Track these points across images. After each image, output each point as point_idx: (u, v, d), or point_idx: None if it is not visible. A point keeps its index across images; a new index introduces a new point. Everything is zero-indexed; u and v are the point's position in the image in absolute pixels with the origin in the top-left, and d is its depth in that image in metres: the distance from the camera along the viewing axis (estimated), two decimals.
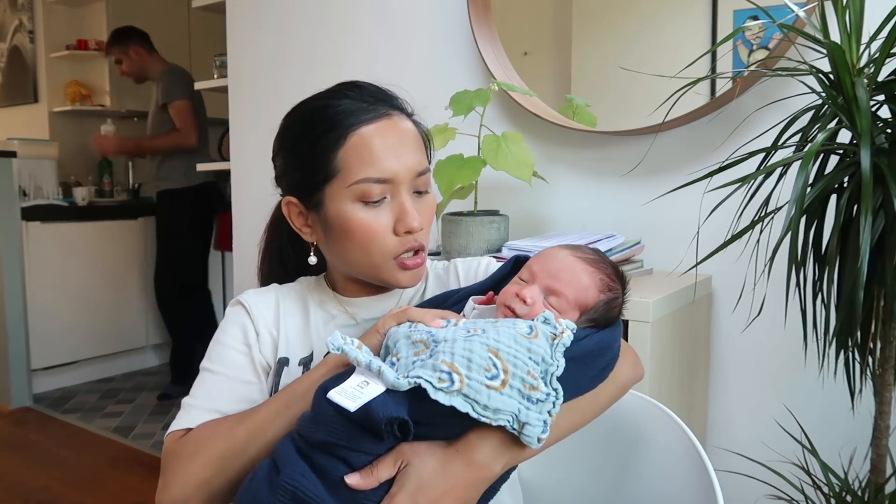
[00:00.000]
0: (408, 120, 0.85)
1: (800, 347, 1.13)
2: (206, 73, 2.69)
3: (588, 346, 0.73)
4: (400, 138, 0.82)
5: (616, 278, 0.82)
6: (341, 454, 0.64)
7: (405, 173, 0.81)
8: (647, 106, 1.32)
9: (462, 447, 0.68)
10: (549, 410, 0.66)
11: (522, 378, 0.66)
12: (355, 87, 0.85)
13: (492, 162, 1.38)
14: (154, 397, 3.38)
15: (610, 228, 1.56)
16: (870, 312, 1.01)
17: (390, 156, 0.80)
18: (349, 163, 0.80)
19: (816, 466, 1.21)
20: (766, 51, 1.48)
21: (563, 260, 0.80)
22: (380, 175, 0.80)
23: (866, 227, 0.89)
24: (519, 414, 0.65)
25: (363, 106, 0.82)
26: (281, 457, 0.67)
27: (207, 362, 0.85)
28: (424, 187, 0.85)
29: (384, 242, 0.81)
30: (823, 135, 0.96)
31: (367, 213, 0.81)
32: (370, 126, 0.80)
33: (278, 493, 0.64)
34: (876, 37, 1.00)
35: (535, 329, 0.70)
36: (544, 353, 0.68)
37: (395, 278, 0.84)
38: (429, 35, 1.88)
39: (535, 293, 0.77)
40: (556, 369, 0.68)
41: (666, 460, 0.89)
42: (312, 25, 2.12)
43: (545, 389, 0.66)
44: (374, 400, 0.62)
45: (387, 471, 0.65)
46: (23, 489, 2.41)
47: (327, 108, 0.82)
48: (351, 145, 0.80)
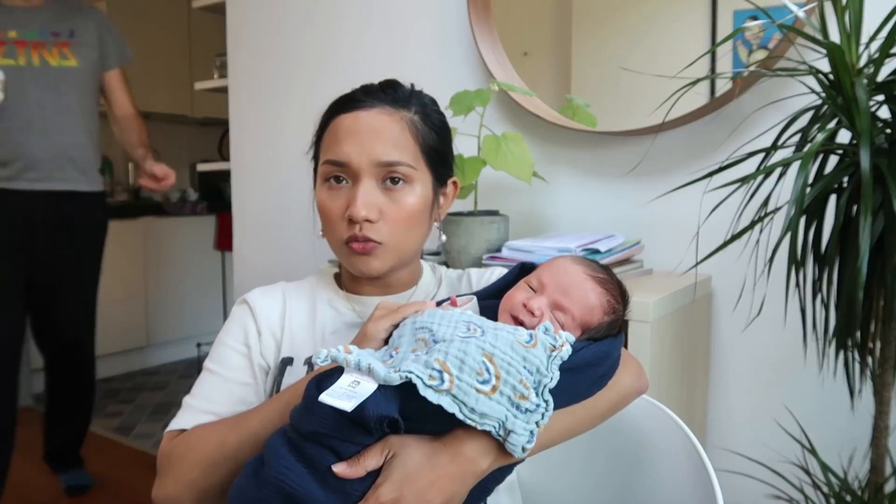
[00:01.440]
0: (398, 114, 0.85)
1: (799, 347, 1.13)
2: (206, 73, 2.69)
3: (585, 356, 0.73)
4: (369, 127, 0.83)
5: (621, 300, 0.81)
6: (331, 444, 0.65)
7: (360, 160, 0.82)
8: (647, 106, 1.32)
9: (449, 441, 0.68)
10: (538, 421, 0.66)
11: (514, 386, 0.65)
12: (376, 84, 0.89)
13: (492, 162, 1.38)
14: (155, 397, 3.38)
15: (610, 228, 1.56)
16: (870, 312, 1.01)
17: (352, 142, 0.83)
18: (324, 146, 0.86)
19: (816, 466, 1.21)
20: (765, 51, 1.48)
21: (575, 276, 0.80)
22: (335, 157, 0.83)
23: (866, 227, 0.89)
24: (506, 421, 0.65)
25: (356, 97, 0.86)
26: (269, 450, 0.67)
27: (209, 361, 0.86)
28: (402, 178, 0.84)
29: (337, 225, 0.85)
30: (823, 135, 0.96)
31: (327, 194, 0.85)
32: (347, 115, 0.85)
33: (265, 486, 0.64)
34: (875, 37, 1.00)
35: (535, 338, 0.70)
36: (540, 363, 0.68)
37: (349, 263, 0.86)
38: (429, 35, 1.88)
39: (543, 305, 0.77)
40: (550, 381, 0.68)
41: (666, 460, 0.90)
42: (312, 25, 2.12)
43: (536, 400, 0.66)
44: (367, 399, 0.62)
45: (373, 460, 0.65)
46: (23, 489, 2.41)
47: (337, 99, 0.89)
48: (328, 131, 0.86)
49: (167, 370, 3.86)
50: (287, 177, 2.20)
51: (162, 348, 3.92)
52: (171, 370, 3.87)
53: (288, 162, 2.19)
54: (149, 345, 3.89)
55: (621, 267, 1.41)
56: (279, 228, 2.24)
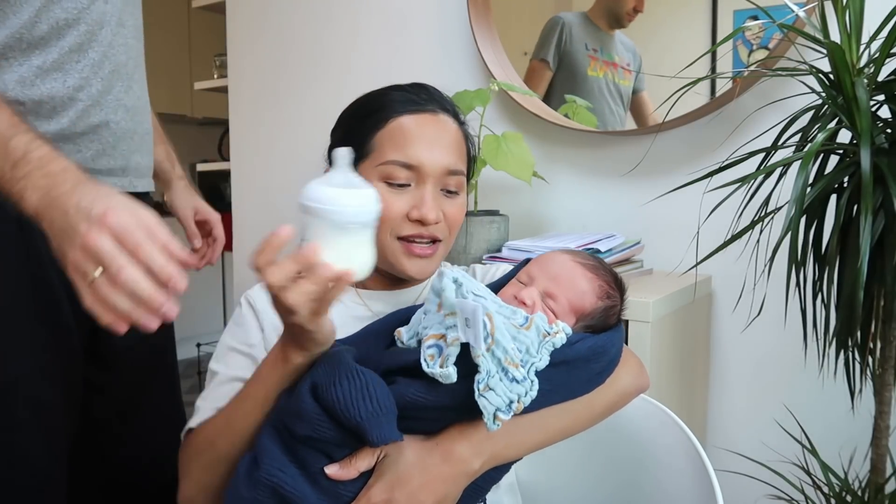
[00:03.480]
0: (454, 123, 0.88)
1: (800, 347, 1.12)
2: (206, 73, 2.69)
3: (580, 349, 0.73)
4: (438, 133, 0.85)
5: (615, 286, 0.82)
6: (323, 448, 0.65)
7: (433, 166, 0.83)
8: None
9: (442, 440, 0.68)
10: (520, 395, 0.65)
11: (506, 349, 0.65)
12: (417, 85, 0.89)
13: (492, 162, 1.38)
14: None
15: (610, 228, 1.56)
16: (870, 312, 1.01)
17: (422, 146, 0.83)
18: (383, 145, 0.84)
19: (816, 466, 1.21)
20: (766, 51, 1.48)
21: (563, 264, 0.80)
22: (406, 160, 0.82)
23: (866, 227, 0.88)
24: (489, 377, 0.64)
25: (413, 99, 0.86)
26: (262, 451, 0.67)
27: (214, 363, 0.86)
28: (455, 188, 0.86)
29: (396, 223, 0.83)
30: (823, 135, 0.96)
31: (387, 192, 0.83)
32: (412, 116, 0.84)
33: (258, 488, 0.64)
34: (876, 37, 1.00)
35: (530, 321, 0.70)
36: (531, 344, 0.68)
37: (399, 262, 0.84)
38: (429, 35, 1.88)
39: (534, 295, 0.77)
40: (539, 362, 0.67)
41: (666, 460, 0.89)
42: (312, 25, 2.12)
43: (523, 372, 0.66)
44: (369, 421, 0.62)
45: (365, 462, 0.65)
46: None
47: (383, 96, 0.87)
48: (388, 130, 0.84)
49: None
50: (287, 177, 2.20)
51: None
52: None
53: (288, 162, 2.19)
54: None
55: (621, 267, 1.41)
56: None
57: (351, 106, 0.92)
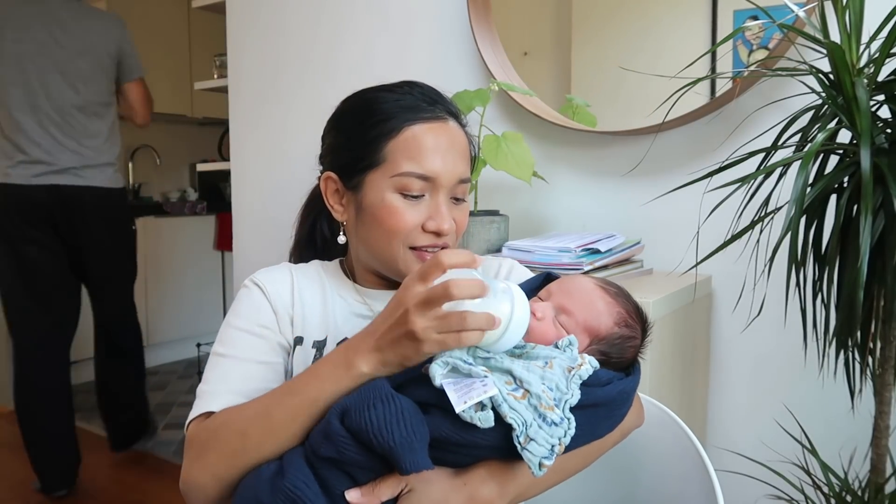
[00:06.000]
0: (460, 128, 0.88)
1: (800, 347, 1.12)
2: (206, 73, 2.69)
3: (611, 393, 0.72)
4: (450, 143, 0.85)
5: (635, 317, 0.80)
6: (347, 469, 0.64)
7: (448, 176, 0.83)
8: (647, 106, 1.32)
9: (470, 480, 0.67)
10: (560, 438, 0.64)
11: (539, 396, 0.64)
12: (416, 86, 0.88)
13: (492, 162, 1.38)
14: (155, 397, 3.38)
15: (610, 228, 1.56)
16: (870, 312, 1.01)
17: (437, 157, 0.83)
18: (396, 155, 0.83)
19: (816, 466, 1.21)
20: (766, 51, 1.48)
21: (583, 284, 0.81)
22: (423, 172, 0.82)
23: (866, 227, 0.88)
24: (529, 427, 0.63)
25: (422, 105, 0.85)
26: (289, 461, 0.67)
27: (219, 346, 0.83)
28: (463, 195, 0.87)
29: (409, 233, 0.83)
30: (823, 135, 0.96)
31: (402, 204, 0.83)
32: (424, 125, 0.83)
33: (279, 496, 0.64)
34: (876, 37, 1.00)
35: (549, 362, 0.69)
36: (559, 381, 0.67)
37: (410, 270, 0.83)
38: (429, 35, 1.88)
39: (547, 309, 0.77)
40: (571, 398, 0.66)
41: (666, 460, 0.90)
42: (312, 25, 2.12)
43: (560, 414, 0.65)
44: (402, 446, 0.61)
45: (389, 490, 0.65)
46: (23, 489, 2.41)
47: (388, 101, 0.86)
48: (402, 139, 0.83)
49: (167, 370, 3.86)
50: (287, 177, 2.20)
51: (161, 348, 3.91)
52: (170, 370, 3.87)
53: (288, 162, 2.19)
54: (148, 345, 3.87)
55: (621, 267, 1.41)
56: (279, 228, 2.23)
57: (347, 110, 0.90)
